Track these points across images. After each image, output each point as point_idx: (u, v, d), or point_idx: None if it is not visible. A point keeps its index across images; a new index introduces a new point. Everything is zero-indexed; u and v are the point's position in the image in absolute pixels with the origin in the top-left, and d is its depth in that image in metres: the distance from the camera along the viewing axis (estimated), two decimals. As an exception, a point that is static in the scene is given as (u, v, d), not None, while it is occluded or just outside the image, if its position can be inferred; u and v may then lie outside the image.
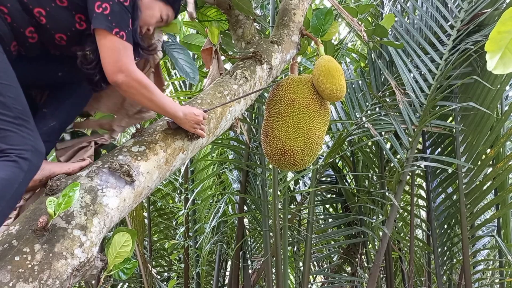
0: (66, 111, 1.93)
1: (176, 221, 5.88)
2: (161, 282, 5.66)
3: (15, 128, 1.48)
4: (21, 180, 1.45)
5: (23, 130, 1.50)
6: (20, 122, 1.50)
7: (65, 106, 1.93)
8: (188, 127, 1.87)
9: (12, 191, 1.43)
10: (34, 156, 1.49)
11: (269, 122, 2.47)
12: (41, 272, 1.38)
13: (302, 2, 2.77)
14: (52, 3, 1.68)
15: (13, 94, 1.52)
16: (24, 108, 1.54)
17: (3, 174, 1.43)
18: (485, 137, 3.97)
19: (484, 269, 4.84)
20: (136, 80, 1.68)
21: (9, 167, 1.44)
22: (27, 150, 1.48)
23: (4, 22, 1.64)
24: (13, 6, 1.64)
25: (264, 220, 4.16)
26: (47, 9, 1.68)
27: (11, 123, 1.48)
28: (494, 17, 3.90)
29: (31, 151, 1.49)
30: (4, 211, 1.43)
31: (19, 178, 1.45)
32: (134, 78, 1.67)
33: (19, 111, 1.51)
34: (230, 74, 2.31)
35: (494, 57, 0.97)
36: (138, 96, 1.71)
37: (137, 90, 1.69)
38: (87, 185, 1.59)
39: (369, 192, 4.37)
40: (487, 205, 4.16)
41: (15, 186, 1.44)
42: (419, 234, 6.06)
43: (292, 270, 5.45)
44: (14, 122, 1.49)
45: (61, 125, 1.94)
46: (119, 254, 1.68)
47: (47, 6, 1.68)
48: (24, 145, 1.48)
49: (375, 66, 4.26)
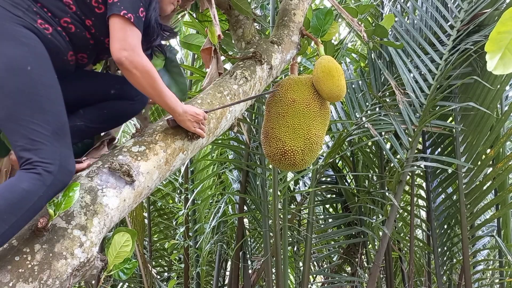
0: (102, 120, 1.94)
1: (176, 221, 5.88)
2: (161, 282, 5.66)
3: (49, 142, 1.49)
4: (42, 194, 1.43)
5: (55, 145, 1.50)
6: (55, 137, 1.51)
7: (103, 116, 1.94)
8: (188, 125, 1.86)
9: (30, 204, 1.41)
10: (60, 171, 1.48)
11: (269, 122, 2.47)
12: (41, 272, 1.38)
13: (302, 2, 2.77)
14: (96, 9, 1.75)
15: (56, 110, 1.55)
16: (63, 125, 1.56)
17: (25, 185, 1.41)
18: (485, 137, 3.97)
19: (484, 269, 4.84)
20: (140, 62, 1.67)
21: (32, 179, 1.43)
22: (54, 165, 1.47)
23: (59, 34, 1.68)
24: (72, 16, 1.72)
25: (264, 220, 4.15)
26: (92, 18, 1.74)
27: (47, 136, 1.49)
28: (494, 17, 3.90)
29: (58, 166, 1.47)
30: (19, 223, 1.40)
31: (40, 192, 1.42)
32: (138, 59, 1.67)
33: (58, 127, 1.53)
34: (230, 74, 2.30)
35: (494, 57, 0.97)
36: (141, 80, 1.69)
37: (141, 73, 1.68)
38: (87, 185, 1.59)
39: (369, 192, 4.37)
40: (487, 205, 4.16)
41: (34, 199, 1.41)
42: (419, 234, 6.05)
43: (292, 270, 5.44)
44: (50, 136, 1.49)
45: (89, 129, 1.94)
46: (119, 254, 1.68)
47: (92, 16, 1.74)
48: (53, 159, 1.47)
49: (375, 66, 4.26)
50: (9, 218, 1.37)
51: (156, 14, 1.86)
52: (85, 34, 1.75)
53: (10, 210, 1.38)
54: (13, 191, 1.40)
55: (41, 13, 1.64)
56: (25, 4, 1.61)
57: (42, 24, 1.63)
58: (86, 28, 1.75)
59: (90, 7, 1.73)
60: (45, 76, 1.56)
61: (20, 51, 1.53)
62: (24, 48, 1.54)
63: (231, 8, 2.63)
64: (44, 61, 1.58)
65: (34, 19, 1.61)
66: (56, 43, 1.67)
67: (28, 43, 1.55)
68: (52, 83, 1.57)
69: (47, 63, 1.59)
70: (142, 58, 1.68)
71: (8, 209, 1.38)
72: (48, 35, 1.64)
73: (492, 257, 4.96)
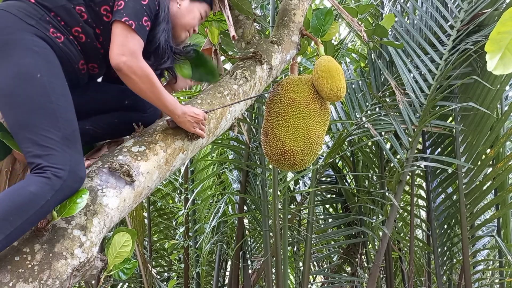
0: (111, 128, 1.96)
1: (176, 221, 5.88)
2: (161, 282, 5.66)
3: (59, 148, 1.49)
4: (49, 198, 1.42)
5: (66, 151, 1.50)
6: (66, 143, 1.51)
7: (113, 125, 1.96)
8: (188, 126, 1.86)
9: (37, 207, 1.40)
10: (70, 177, 1.48)
11: (269, 122, 2.47)
12: (41, 272, 1.38)
13: (302, 2, 2.76)
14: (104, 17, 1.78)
15: (66, 116, 1.56)
16: (74, 132, 1.57)
17: (33, 188, 1.41)
18: (485, 137, 3.97)
19: (484, 269, 4.84)
20: (139, 66, 1.68)
21: (41, 182, 1.43)
22: (64, 170, 1.47)
23: (71, 42, 1.70)
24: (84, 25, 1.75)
25: (264, 220, 4.15)
26: (101, 27, 1.77)
27: (58, 142, 1.50)
28: (494, 17, 3.90)
29: (68, 172, 1.47)
30: (24, 225, 1.39)
31: (48, 196, 1.42)
32: (137, 64, 1.67)
33: (68, 133, 1.54)
34: (230, 74, 2.30)
35: (494, 57, 0.97)
36: (140, 85, 1.70)
37: (140, 78, 1.68)
38: (87, 185, 1.59)
39: (369, 192, 4.37)
40: (487, 205, 4.16)
41: (41, 203, 1.41)
42: (419, 234, 6.05)
43: (292, 270, 5.44)
44: (60, 142, 1.50)
45: (97, 135, 1.95)
46: (119, 254, 1.68)
47: (100, 24, 1.77)
48: (63, 165, 1.47)
49: (375, 66, 4.26)
50: (15, 220, 1.37)
51: (166, 35, 1.88)
52: (96, 44, 1.77)
53: (16, 212, 1.37)
54: (21, 193, 1.40)
55: (53, 22, 1.67)
56: (38, 14, 1.64)
57: (54, 33, 1.66)
58: (96, 38, 1.77)
59: (99, 15, 1.75)
60: (55, 83, 1.57)
61: (31, 59, 1.55)
62: (35, 56, 1.56)
63: (231, 8, 2.62)
64: (54, 69, 1.60)
65: (47, 28, 1.64)
66: (67, 52, 1.70)
67: (39, 52, 1.58)
68: (63, 90, 1.59)
69: (57, 71, 1.61)
70: (141, 62, 1.69)
71: (14, 211, 1.37)
72: (60, 44, 1.67)
73: (492, 257, 4.96)
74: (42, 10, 1.65)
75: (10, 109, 1.53)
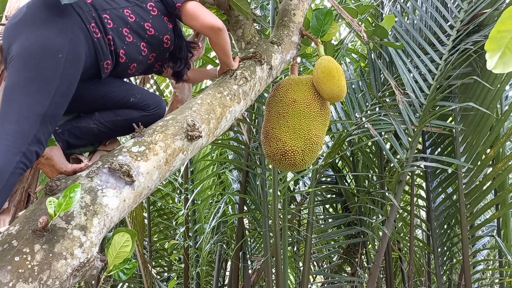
0: (114, 126, 1.97)
1: (176, 221, 5.87)
2: (161, 282, 5.66)
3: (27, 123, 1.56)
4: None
5: (34, 126, 1.56)
6: (42, 121, 1.57)
7: (116, 122, 1.97)
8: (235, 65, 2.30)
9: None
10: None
11: (269, 122, 2.47)
12: (41, 273, 1.38)
13: (302, 3, 2.76)
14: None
15: (59, 100, 1.63)
16: (55, 117, 1.63)
17: None
18: (485, 137, 3.97)
19: (484, 269, 4.84)
20: (223, 27, 2.04)
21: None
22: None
23: (104, 42, 1.81)
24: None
25: (264, 220, 4.15)
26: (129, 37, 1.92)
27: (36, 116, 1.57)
28: (493, 17, 3.90)
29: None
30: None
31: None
32: (222, 25, 2.03)
33: (51, 114, 1.60)
34: (230, 74, 2.30)
35: (494, 56, 0.97)
36: (224, 40, 2.08)
37: (225, 33, 2.07)
38: (87, 186, 1.59)
39: (369, 192, 4.37)
40: (487, 205, 4.16)
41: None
42: (419, 234, 6.06)
43: (292, 270, 5.44)
44: (36, 117, 1.57)
45: (100, 133, 1.97)
46: (119, 255, 1.68)
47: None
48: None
49: (375, 66, 4.26)
50: None
51: (182, 41, 2.21)
52: (119, 59, 1.88)
53: None
54: None
55: (97, 20, 1.78)
56: (87, 8, 1.77)
57: (94, 27, 1.76)
58: (121, 50, 1.87)
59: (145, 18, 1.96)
60: (69, 71, 1.65)
61: (62, 40, 1.64)
62: (66, 40, 1.65)
63: (230, 8, 2.63)
64: (76, 60, 1.68)
65: (89, 21, 1.76)
66: (98, 47, 1.78)
67: (72, 38, 1.67)
68: (71, 80, 1.67)
69: (77, 63, 1.69)
70: (222, 23, 2.03)
71: None
72: (95, 39, 1.76)
73: (492, 257, 4.96)
74: (93, 9, 1.79)
75: (17, 71, 1.60)
